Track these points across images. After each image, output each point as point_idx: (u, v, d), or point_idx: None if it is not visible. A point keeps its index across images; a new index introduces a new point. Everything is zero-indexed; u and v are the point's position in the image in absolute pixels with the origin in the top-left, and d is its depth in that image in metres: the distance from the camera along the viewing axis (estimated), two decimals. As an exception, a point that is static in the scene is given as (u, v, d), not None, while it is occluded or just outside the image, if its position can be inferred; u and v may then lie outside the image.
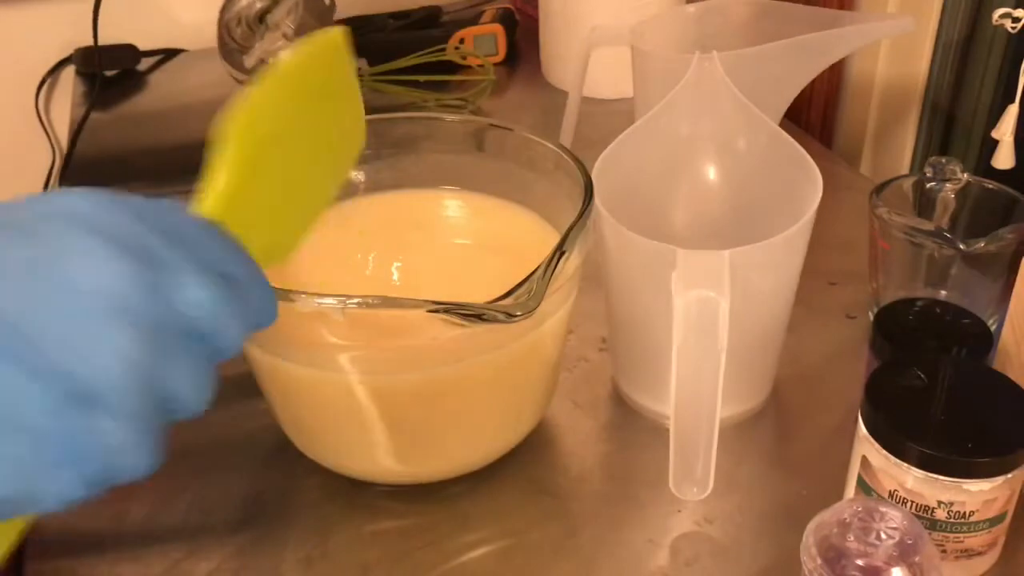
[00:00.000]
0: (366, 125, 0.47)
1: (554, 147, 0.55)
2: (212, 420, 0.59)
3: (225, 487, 0.54)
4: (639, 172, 0.58)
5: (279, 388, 0.52)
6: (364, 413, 0.50)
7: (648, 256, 0.50)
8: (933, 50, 0.79)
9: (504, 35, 1.03)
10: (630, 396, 0.59)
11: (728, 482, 0.53)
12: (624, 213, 0.52)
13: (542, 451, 0.56)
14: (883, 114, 0.86)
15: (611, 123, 0.64)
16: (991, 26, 0.69)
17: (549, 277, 0.44)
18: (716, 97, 0.58)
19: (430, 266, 0.57)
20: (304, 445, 0.54)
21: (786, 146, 0.56)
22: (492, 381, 0.50)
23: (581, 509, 0.53)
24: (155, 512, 0.53)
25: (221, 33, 0.94)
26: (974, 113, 0.76)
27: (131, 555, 0.51)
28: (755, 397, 0.58)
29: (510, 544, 0.51)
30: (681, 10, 0.78)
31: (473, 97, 0.93)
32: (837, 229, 0.73)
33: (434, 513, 0.53)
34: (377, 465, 0.53)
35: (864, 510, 0.41)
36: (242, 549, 0.51)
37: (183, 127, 0.95)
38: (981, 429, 0.45)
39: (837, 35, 0.67)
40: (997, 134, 0.66)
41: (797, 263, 0.54)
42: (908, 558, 0.39)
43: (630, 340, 0.57)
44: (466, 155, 0.59)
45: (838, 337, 0.64)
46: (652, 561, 0.50)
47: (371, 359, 0.47)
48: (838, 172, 0.82)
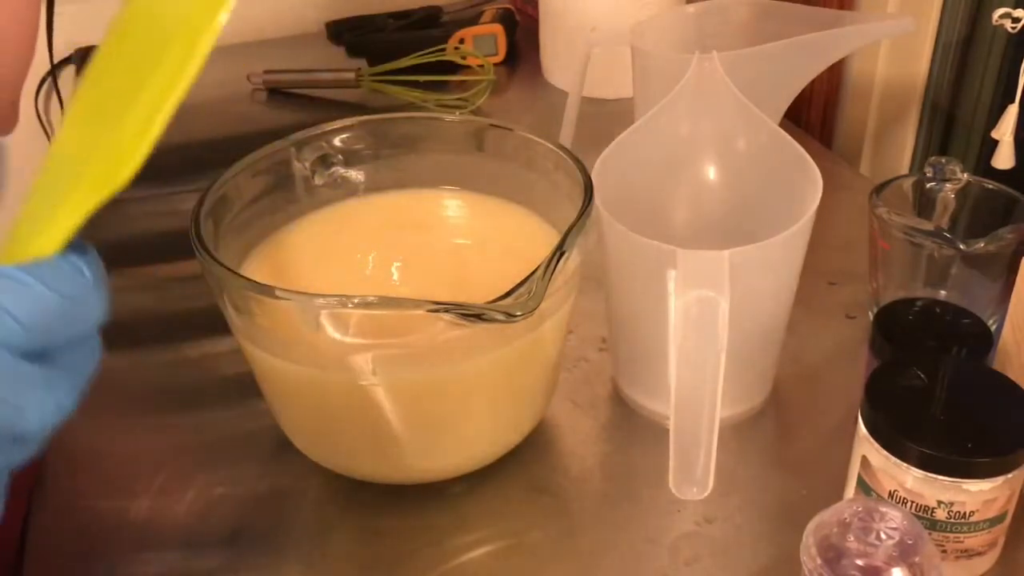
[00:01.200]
0: (366, 124, 0.46)
1: (554, 147, 0.55)
2: (212, 420, 0.60)
3: (225, 487, 0.54)
4: (639, 172, 0.58)
5: (279, 388, 0.52)
6: (364, 413, 0.50)
7: (648, 256, 0.50)
8: (933, 50, 0.79)
9: (504, 35, 1.03)
10: (630, 396, 0.59)
11: (728, 482, 0.53)
12: (624, 213, 0.52)
13: (542, 451, 0.56)
14: (883, 114, 0.86)
15: (611, 123, 0.64)
16: (991, 26, 0.69)
17: (549, 277, 0.44)
18: (716, 97, 0.58)
19: (430, 266, 0.57)
20: (304, 445, 0.54)
21: (786, 146, 0.56)
22: (492, 381, 0.50)
23: (581, 509, 0.53)
24: (155, 512, 0.53)
25: None
26: (974, 113, 0.76)
27: (131, 555, 0.51)
28: (755, 397, 0.58)
29: (510, 544, 0.51)
30: (681, 10, 0.78)
31: (473, 97, 0.93)
32: (837, 229, 0.73)
33: (434, 513, 0.53)
34: (377, 465, 0.53)
35: (864, 510, 0.41)
36: (242, 549, 0.51)
37: (183, 127, 0.94)
38: (981, 429, 0.45)
39: (837, 35, 0.67)
40: (997, 134, 0.66)
41: (797, 263, 0.54)
42: (908, 558, 0.39)
43: (630, 340, 0.57)
44: (466, 155, 0.59)
45: (838, 337, 0.64)
46: (652, 561, 0.50)
47: (371, 359, 0.47)
48: (838, 172, 0.82)
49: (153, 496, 0.54)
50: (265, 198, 0.57)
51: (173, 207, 0.78)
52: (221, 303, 0.49)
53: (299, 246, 0.57)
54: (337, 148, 0.59)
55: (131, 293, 0.72)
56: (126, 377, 0.63)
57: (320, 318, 0.45)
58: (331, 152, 0.59)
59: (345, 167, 0.59)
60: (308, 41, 1.12)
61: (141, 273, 0.74)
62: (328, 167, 0.59)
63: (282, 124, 0.94)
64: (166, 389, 0.62)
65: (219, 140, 0.92)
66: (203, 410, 0.60)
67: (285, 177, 0.58)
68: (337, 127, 0.59)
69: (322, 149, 0.58)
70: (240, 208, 0.54)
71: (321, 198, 0.59)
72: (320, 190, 0.59)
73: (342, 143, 0.59)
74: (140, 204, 0.82)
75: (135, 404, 0.61)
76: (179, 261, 0.69)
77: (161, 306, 0.70)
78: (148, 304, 0.71)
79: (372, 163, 0.60)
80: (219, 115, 0.93)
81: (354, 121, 0.59)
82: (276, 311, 0.46)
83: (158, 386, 0.63)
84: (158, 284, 0.72)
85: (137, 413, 0.60)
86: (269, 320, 0.48)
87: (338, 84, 0.98)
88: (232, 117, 0.93)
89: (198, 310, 0.54)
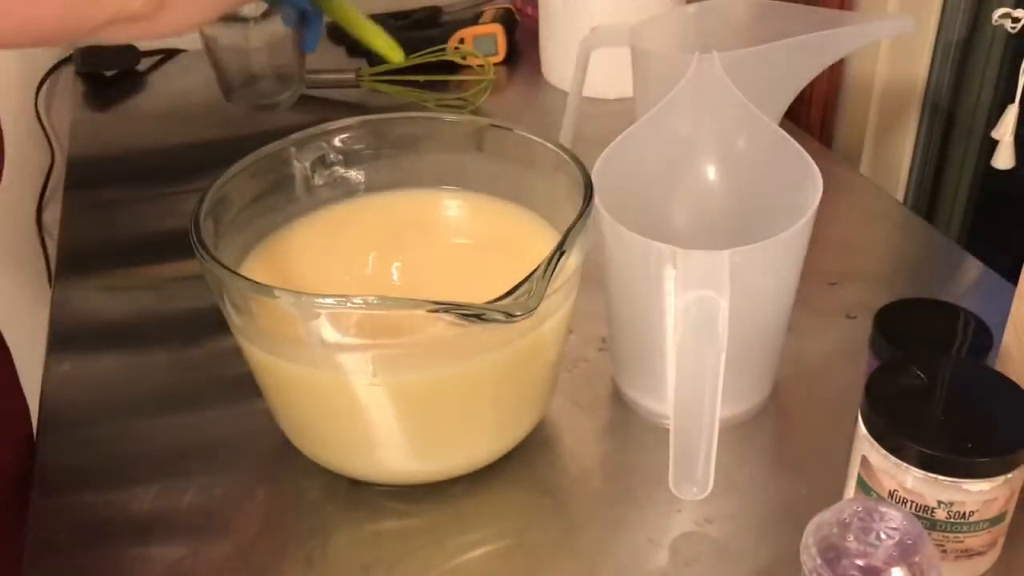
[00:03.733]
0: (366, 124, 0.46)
1: (554, 147, 0.55)
2: (212, 420, 0.60)
3: (225, 487, 0.54)
4: (639, 172, 0.58)
5: (279, 388, 0.52)
6: (364, 413, 0.50)
7: (648, 256, 0.50)
8: (933, 50, 0.79)
9: (504, 35, 1.03)
10: (630, 396, 0.59)
11: (728, 482, 0.53)
12: (624, 213, 0.52)
13: (542, 451, 0.56)
14: (883, 114, 0.87)
15: (611, 123, 0.64)
16: (991, 26, 0.69)
17: (549, 277, 0.44)
18: (716, 97, 0.58)
19: (430, 266, 0.57)
20: (304, 445, 0.54)
21: (786, 146, 0.56)
22: (492, 381, 0.50)
23: (581, 509, 0.53)
24: (155, 512, 0.53)
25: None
26: (974, 113, 0.76)
27: (131, 555, 0.51)
28: (755, 397, 0.58)
29: (510, 544, 0.51)
30: (681, 10, 0.78)
31: (473, 97, 0.93)
32: (837, 229, 0.73)
33: (434, 513, 0.53)
34: (377, 465, 0.53)
35: (864, 510, 0.41)
36: (242, 549, 0.51)
37: (183, 127, 0.95)
38: (981, 429, 0.45)
39: (837, 35, 0.67)
40: (997, 134, 0.66)
41: (797, 263, 0.54)
42: (908, 558, 0.39)
43: (630, 340, 0.57)
44: (466, 155, 0.59)
45: (838, 337, 0.64)
46: (652, 561, 0.50)
47: (371, 359, 0.47)
48: (838, 172, 0.82)
49: (153, 496, 0.54)
50: (265, 198, 0.57)
51: (173, 207, 0.78)
52: (221, 303, 0.49)
53: (299, 246, 0.57)
54: (337, 148, 0.59)
55: (131, 293, 0.72)
56: (126, 377, 0.63)
57: (320, 318, 0.45)
58: (331, 152, 0.59)
59: (345, 167, 0.59)
60: (308, 41, 1.12)
61: (141, 273, 0.74)
62: (328, 167, 0.59)
63: (282, 124, 0.94)
64: (166, 389, 0.62)
65: (219, 140, 0.92)
66: (203, 410, 0.60)
67: (285, 177, 0.58)
68: (337, 127, 0.59)
69: (322, 149, 0.58)
70: (240, 208, 0.54)
71: (321, 198, 0.59)
72: (320, 190, 0.59)
73: (342, 143, 0.59)
74: (140, 204, 0.82)
75: (135, 404, 0.61)
76: (179, 261, 0.69)
77: (161, 306, 0.70)
78: (148, 304, 0.71)
79: (372, 163, 0.60)
80: (219, 115, 0.93)
81: (354, 121, 0.59)
82: (276, 311, 0.46)
83: (158, 386, 0.63)
84: (158, 284, 0.72)
85: (137, 413, 0.60)
86: (269, 320, 0.48)
87: (338, 84, 0.98)
88: (232, 117, 0.93)
89: (198, 310, 0.54)
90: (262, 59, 0.88)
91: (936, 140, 0.81)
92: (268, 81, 0.90)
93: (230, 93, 0.91)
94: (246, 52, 0.88)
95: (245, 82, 0.89)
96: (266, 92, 0.90)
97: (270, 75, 0.89)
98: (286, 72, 0.90)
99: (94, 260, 0.75)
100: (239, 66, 0.89)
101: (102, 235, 0.79)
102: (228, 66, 0.89)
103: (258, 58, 0.88)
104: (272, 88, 0.90)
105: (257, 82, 0.90)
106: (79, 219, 0.81)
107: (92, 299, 0.71)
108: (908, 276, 0.72)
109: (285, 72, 0.90)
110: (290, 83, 0.91)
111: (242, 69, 0.89)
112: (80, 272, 0.74)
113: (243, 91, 0.90)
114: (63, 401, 0.61)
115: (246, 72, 0.89)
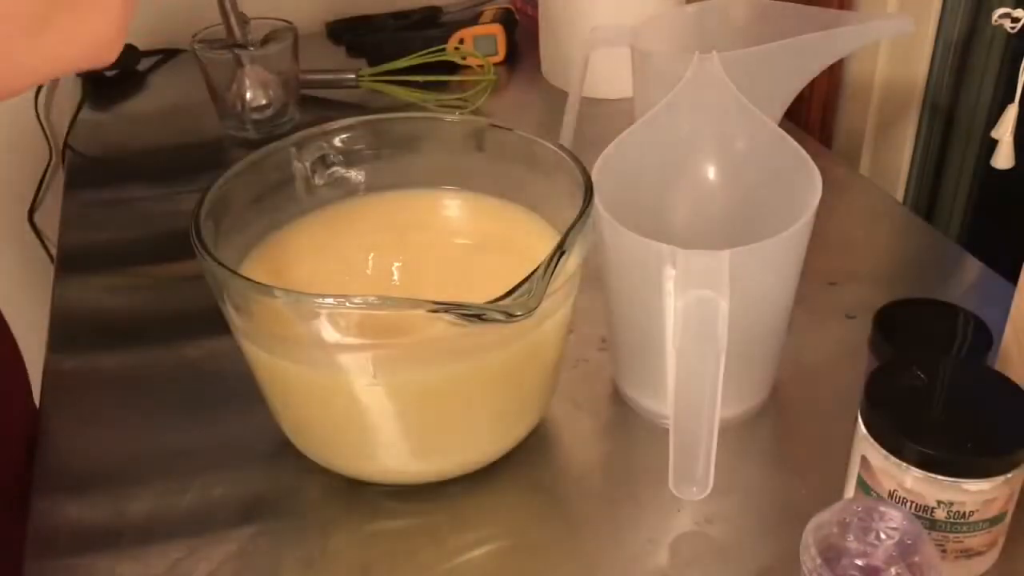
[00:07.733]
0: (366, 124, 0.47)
1: (554, 147, 0.55)
2: (212, 420, 0.60)
3: (225, 487, 0.54)
4: (639, 172, 0.58)
5: (279, 388, 0.52)
6: (364, 413, 0.50)
7: (648, 256, 0.50)
8: (933, 50, 0.79)
9: (504, 35, 1.03)
10: (630, 396, 0.59)
11: (728, 482, 0.53)
12: (624, 213, 0.52)
13: (542, 451, 0.56)
14: (883, 114, 0.87)
15: (611, 123, 0.64)
16: (991, 26, 0.69)
17: (549, 277, 0.44)
18: (716, 97, 0.58)
19: (430, 266, 0.57)
20: (304, 445, 0.54)
21: (786, 146, 0.56)
22: (492, 381, 0.50)
23: (581, 509, 0.53)
24: (155, 512, 0.53)
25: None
26: (974, 113, 0.76)
27: (131, 555, 0.51)
28: (755, 397, 0.58)
29: (510, 544, 0.51)
30: (681, 10, 0.78)
31: (473, 97, 0.93)
32: (837, 229, 0.73)
33: (434, 513, 0.53)
34: (377, 465, 0.53)
35: (864, 510, 0.41)
36: (242, 549, 0.51)
37: (183, 127, 0.95)
38: (981, 429, 0.45)
39: (837, 35, 0.67)
40: (997, 134, 0.66)
41: (797, 263, 0.54)
42: (908, 558, 0.39)
43: (630, 340, 0.57)
44: (466, 155, 0.59)
45: (838, 337, 0.64)
46: (652, 561, 0.50)
47: (371, 359, 0.47)
48: (838, 172, 0.82)
49: (153, 496, 0.54)
50: (265, 198, 0.57)
51: (173, 207, 0.78)
52: (221, 303, 0.49)
53: (299, 246, 0.57)
54: (337, 148, 0.59)
55: (131, 293, 0.72)
56: (126, 377, 0.63)
57: (320, 318, 0.45)
58: (331, 152, 0.59)
59: (345, 167, 0.59)
60: (308, 41, 1.12)
61: (141, 273, 0.74)
62: (328, 167, 0.59)
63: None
64: (166, 389, 0.62)
65: (219, 140, 0.92)
66: (203, 410, 0.60)
67: (285, 177, 0.58)
68: (337, 127, 0.59)
69: (322, 149, 0.58)
70: (240, 208, 0.54)
71: (321, 198, 0.59)
72: (320, 190, 0.59)
73: (342, 143, 0.59)
74: (140, 204, 0.82)
75: (135, 404, 0.61)
76: (179, 261, 0.69)
77: (161, 306, 0.70)
78: (148, 304, 0.71)
79: (372, 163, 0.60)
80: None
81: (354, 121, 0.59)
82: (276, 311, 0.46)
83: (158, 386, 0.63)
84: (158, 284, 0.72)
85: (137, 413, 0.60)
86: (269, 320, 0.48)
87: (338, 84, 0.98)
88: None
89: (198, 310, 0.54)
90: (257, 89, 0.89)
91: (936, 140, 0.81)
92: (264, 109, 0.90)
93: (226, 120, 0.92)
94: (241, 79, 0.88)
95: (241, 110, 0.90)
96: (263, 120, 0.90)
97: (266, 102, 0.90)
98: (281, 98, 0.91)
99: (94, 260, 0.75)
100: (234, 95, 0.89)
101: (102, 235, 0.79)
102: (223, 94, 0.90)
103: (253, 86, 0.89)
104: (269, 115, 0.90)
105: (253, 111, 0.90)
106: (79, 219, 0.81)
107: (92, 299, 0.71)
108: (908, 276, 0.72)
109: (280, 98, 0.90)
110: (285, 112, 0.91)
111: (236, 96, 0.89)
112: (80, 272, 0.74)
113: (237, 119, 0.91)
114: (63, 401, 0.61)
115: (240, 100, 0.89)
